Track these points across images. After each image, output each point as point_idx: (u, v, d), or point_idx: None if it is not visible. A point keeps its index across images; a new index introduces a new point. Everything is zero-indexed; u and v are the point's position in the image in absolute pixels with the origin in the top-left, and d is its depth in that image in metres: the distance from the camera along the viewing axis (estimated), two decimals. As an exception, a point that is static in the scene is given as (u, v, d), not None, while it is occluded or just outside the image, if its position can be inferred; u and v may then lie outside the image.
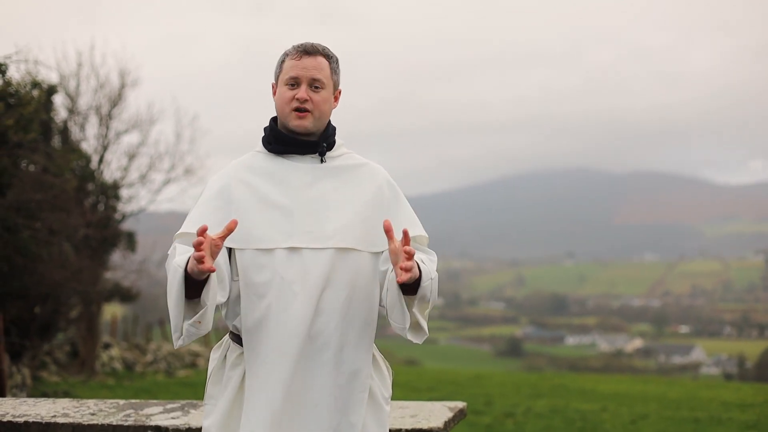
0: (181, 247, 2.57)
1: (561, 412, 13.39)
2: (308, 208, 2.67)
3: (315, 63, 2.70)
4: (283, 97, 2.71)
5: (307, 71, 2.69)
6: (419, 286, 2.53)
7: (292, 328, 2.57)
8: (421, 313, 2.63)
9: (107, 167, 17.68)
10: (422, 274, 2.52)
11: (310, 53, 2.71)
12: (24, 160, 11.44)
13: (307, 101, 2.68)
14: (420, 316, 2.62)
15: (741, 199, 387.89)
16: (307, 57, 2.70)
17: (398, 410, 3.91)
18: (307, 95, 2.68)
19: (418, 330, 2.66)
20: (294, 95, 2.68)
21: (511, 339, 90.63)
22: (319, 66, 2.71)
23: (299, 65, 2.69)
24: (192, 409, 3.97)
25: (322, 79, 2.70)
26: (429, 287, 2.57)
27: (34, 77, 11.99)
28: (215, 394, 2.72)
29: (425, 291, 2.56)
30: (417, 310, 2.60)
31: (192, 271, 2.36)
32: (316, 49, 2.72)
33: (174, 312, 2.48)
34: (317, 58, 2.71)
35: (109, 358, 18.18)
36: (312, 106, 2.69)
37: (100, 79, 17.53)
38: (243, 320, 2.62)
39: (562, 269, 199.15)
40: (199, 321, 2.48)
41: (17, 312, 12.39)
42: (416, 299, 2.57)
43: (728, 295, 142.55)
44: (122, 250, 17.79)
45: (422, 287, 2.53)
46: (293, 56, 2.71)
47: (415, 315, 2.60)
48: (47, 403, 4.07)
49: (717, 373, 60.99)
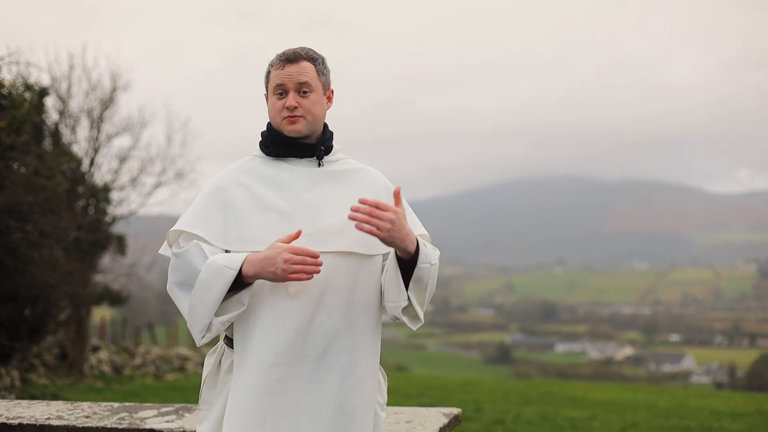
0: (208, 247, 2.60)
1: (551, 419, 13.39)
2: (306, 212, 2.66)
3: (299, 69, 2.69)
4: (274, 107, 2.71)
5: (292, 78, 2.68)
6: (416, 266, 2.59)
7: (290, 333, 2.56)
8: (417, 298, 2.68)
9: (98, 170, 17.61)
10: (420, 254, 2.59)
11: (292, 60, 2.70)
12: (15, 162, 11.41)
13: (296, 108, 2.68)
14: (415, 299, 2.67)
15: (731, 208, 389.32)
16: (290, 65, 2.70)
17: (393, 416, 3.90)
18: (295, 102, 2.68)
19: (413, 315, 2.71)
20: (283, 104, 2.69)
21: (501, 346, 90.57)
22: (304, 70, 2.70)
23: (283, 74, 2.69)
24: (186, 412, 3.95)
25: (308, 82, 2.69)
26: (427, 271, 2.62)
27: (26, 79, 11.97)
28: (210, 400, 2.71)
29: (422, 272, 2.62)
30: (413, 294, 2.65)
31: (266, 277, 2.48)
32: (298, 55, 2.72)
33: (204, 310, 2.53)
34: (300, 63, 2.70)
35: (97, 361, 18.10)
36: (303, 112, 2.69)
37: (91, 82, 17.47)
38: (236, 325, 2.61)
39: (552, 276, 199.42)
40: (230, 320, 2.56)
41: (7, 314, 12.35)
42: (412, 280, 2.62)
43: (719, 304, 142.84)
44: (112, 253, 17.73)
45: (420, 267, 2.60)
46: (277, 66, 2.72)
47: (412, 298, 2.65)
48: (41, 406, 4.05)
49: (707, 382, 61.15)
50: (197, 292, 2.52)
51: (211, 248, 2.61)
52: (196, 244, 2.60)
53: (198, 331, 2.57)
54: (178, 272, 2.62)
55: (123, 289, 18.49)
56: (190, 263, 2.57)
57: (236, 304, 2.55)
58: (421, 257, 2.60)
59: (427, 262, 2.62)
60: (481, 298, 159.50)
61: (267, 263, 2.47)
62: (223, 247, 2.62)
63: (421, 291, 2.67)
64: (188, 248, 2.60)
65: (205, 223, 2.65)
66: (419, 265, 2.60)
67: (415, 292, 2.66)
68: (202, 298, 2.52)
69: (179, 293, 2.61)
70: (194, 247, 2.59)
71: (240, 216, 2.65)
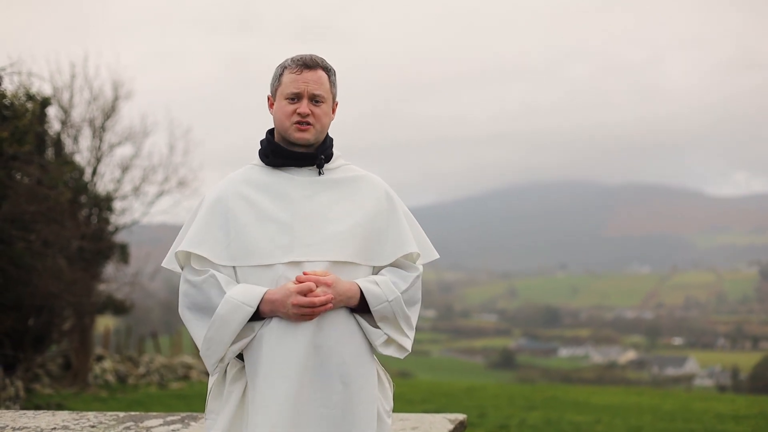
0: (223, 278, 2.63)
1: (555, 424, 13.37)
2: (307, 222, 2.67)
3: (315, 77, 2.69)
4: (284, 111, 2.70)
5: (308, 86, 2.68)
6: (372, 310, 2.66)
7: (293, 343, 2.57)
8: (396, 331, 2.72)
9: (100, 179, 17.62)
10: (369, 299, 2.64)
11: (310, 67, 2.69)
12: (18, 172, 11.42)
13: (309, 116, 2.68)
14: (395, 333, 2.72)
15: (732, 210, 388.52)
16: (308, 71, 2.69)
17: (399, 422, 3.91)
18: (308, 110, 2.67)
19: (398, 346, 2.76)
20: (295, 109, 2.68)
21: (504, 351, 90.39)
22: (320, 80, 2.70)
23: (300, 79, 2.68)
24: (192, 421, 3.96)
25: (322, 94, 2.70)
26: (388, 307, 2.67)
27: (28, 89, 11.99)
28: (216, 409, 2.72)
29: (383, 313, 2.67)
30: (388, 330, 2.71)
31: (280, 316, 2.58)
32: (315, 62, 2.70)
33: (221, 344, 2.59)
34: (317, 71, 2.70)
35: (101, 370, 18.09)
36: (314, 120, 2.69)
37: (93, 91, 17.49)
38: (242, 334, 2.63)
39: (554, 281, 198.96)
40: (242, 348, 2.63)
41: (11, 324, 12.34)
42: (378, 321, 2.68)
43: (722, 307, 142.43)
44: (115, 263, 17.73)
45: (376, 311, 2.65)
46: (293, 70, 2.69)
47: (389, 334, 2.72)
48: (47, 416, 4.06)
49: (711, 385, 60.96)
50: (214, 326, 2.57)
51: (227, 278, 2.64)
52: (212, 275, 2.62)
53: (213, 363, 2.63)
54: (192, 300, 2.65)
55: (126, 298, 18.51)
56: (207, 294, 2.61)
57: (248, 331, 2.61)
58: (372, 301, 2.65)
59: (383, 301, 2.67)
60: (484, 304, 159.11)
61: (279, 305, 2.55)
62: (229, 264, 2.64)
63: (395, 324, 2.72)
64: (205, 279, 2.62)
65: (208, 242, 2.67)
66: (373, 309, 2.66)
67: (389, 328, 2.71)
68: (218, 332, 2.57)
69: (193, 320, 2.65)
70: (210, 278, 2.62)
71: (241, 229, 2.65)
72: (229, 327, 2.55)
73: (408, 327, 2.75)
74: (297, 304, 2.52)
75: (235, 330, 2.55)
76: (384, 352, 2.74)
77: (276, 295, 2.56)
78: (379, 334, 2.69)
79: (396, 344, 2.75)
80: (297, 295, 2.52)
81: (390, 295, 2.67)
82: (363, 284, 2.66)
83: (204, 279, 2.62)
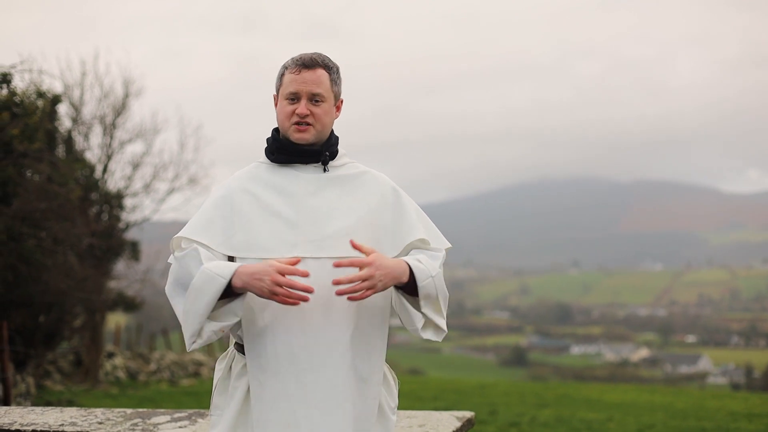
0: (206, 253, 2.60)
1: (566, 421, 13.33)
2: (312, 218, 2.65)
3: (314, 77, 2.68)
4: (284, 112, 2.70)
5: (306, 86, 2.67)
6: (418, 287, 2.59)
7: (298, 339, 2.56)
8: (435, 311, 2.69)
9: (111, 177, 17.70)
10: (416, 274, 2.58)
11: (308, 66, 2.68)
12: (29, 170, 11.46)
13: (307, 116, 2.67)
14: (433, 313, 2.68)
15: (745, 207, 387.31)
16: (306, 71, 2.67)
17: (406, 420, 3.88)
18: (307, 110, 2.66)
19: (435, 328, 2.72)
20: (294, 110, 2.67)
21: (516, 348, 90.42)
22: (319, 79, 2.68)
23: (298, 79, 2.67)
24: (199, 418, 3.95)
25: (321, 93, 2.68)
26: (431, 284, 2.63)
27: (38, 87, 12.02)
28: (221, 405, 2.71)
29: (427, 289, 2.62)
30: (427, 310, 2.66)
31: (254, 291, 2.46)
32: (314, 61, 2.69)
33: (196, 316, 2.52)
34: (316, 71, 2.68)
35: (112, 367, 18.17)
36: (313, 120, 2.68)
37: (104, 89, 17.56)
38: (245, 331, 2.61)
39: (566, 278, 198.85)
40: (222, 330, 2.55)
41: (22, 320, 12.41)
42: (421, 299, 2.62)
43: (735, 305, 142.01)
44: (126, 260, 17.79)
45: (422, 287, 2.60)
46: (292, 70, 2.69)
47: (428, 314, 2.66)
48: (55, 412, 4.05)
49: (724, 383, 60.84)
50: (190, 298, 2.52)
51: (210, 254, 2.60)
52: (195, 249, 2.60)
53: (189, 336, 2.57)
54: (174, 276, 2.62)
55: (137, 295, 18.58)
56: (187, 267, 2.57)
57: (230, 314, 2.54)
58: (419, 276, 2.59)
59: (428, 276, 2.61)
60: (496, 301, 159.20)
61: (255, 278, 2.46)
62: (227, 254, 2.62)
63: (434, 303, 2.68)
64: (186, 252, 2.60)
65: (208, 231, 2.65)
66: (420, 284, 2.59)
67: (429, 307, 2.67)
68: (193, 304, 2.51)
69: (175, 296, 2.62)
70: (192, 251, 2.59)
71: (246, 223, 2.65)
72: (203, 299, 2.48)
73: (445, 306, 2.72)
74: (275, 282, 2.43)
75: (209, 302, 2.48)
76: (423, 336, 2.69)
77: (253, 267, 2.48)
78: (419, 318, 2.65)
79: (433, 326, 2.70)
80: (276, 273, 2.44)
81: (432, 270, 2.64)
82: (408, 260, 2.62)
83: (186, 253, 2.59)
